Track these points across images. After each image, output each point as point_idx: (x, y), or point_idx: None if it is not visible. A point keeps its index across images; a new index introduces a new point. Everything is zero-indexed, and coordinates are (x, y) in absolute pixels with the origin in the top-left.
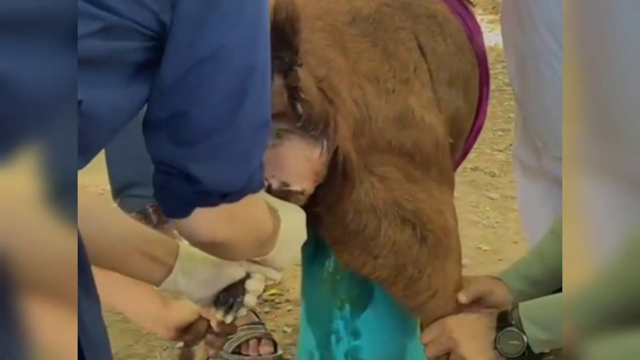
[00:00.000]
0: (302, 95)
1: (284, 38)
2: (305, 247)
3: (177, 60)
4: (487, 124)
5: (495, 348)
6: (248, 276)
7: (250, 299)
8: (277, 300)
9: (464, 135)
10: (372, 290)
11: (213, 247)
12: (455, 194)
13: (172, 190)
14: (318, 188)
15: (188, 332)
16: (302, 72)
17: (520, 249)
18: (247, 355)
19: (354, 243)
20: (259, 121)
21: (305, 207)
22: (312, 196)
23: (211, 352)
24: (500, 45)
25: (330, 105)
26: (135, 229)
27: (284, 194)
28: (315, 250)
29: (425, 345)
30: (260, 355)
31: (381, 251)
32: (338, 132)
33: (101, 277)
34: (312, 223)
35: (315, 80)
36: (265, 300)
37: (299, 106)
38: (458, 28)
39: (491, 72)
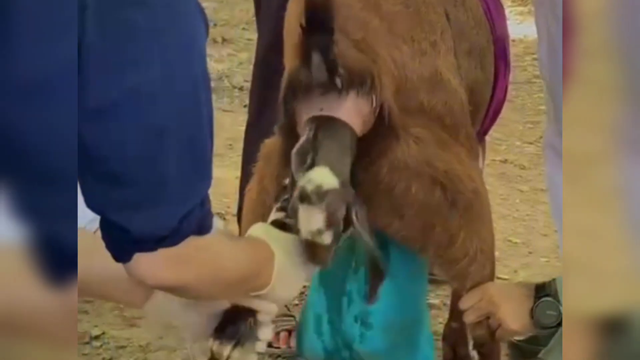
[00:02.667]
0: (341, 71)
1: (320, 22)
2: None
3: (89, 96)
4: (517, 116)
5: (532, 317)
6: (256, 321)
7: (260, 346)
8: (306, 293)
9: (481, 109)
10: (388, 256)
11: (167, 291)
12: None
13: (107, 235)
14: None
15: None
16: (341, 42)
17: (550, 242)
18: (278, 347)
19: (383, 201)
20: (188, 169)
21: None
22: None
23: None
24: (530, 37)
25: (373, 63)
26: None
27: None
28: None
29: (465, 311)
30: (290, 347)
31: (408, 211)
32: (383, 87)
33: None
34: None
35: (354, 43)
36: None
37: (337, 80)
38: (476, 3)
39: (520, 64)
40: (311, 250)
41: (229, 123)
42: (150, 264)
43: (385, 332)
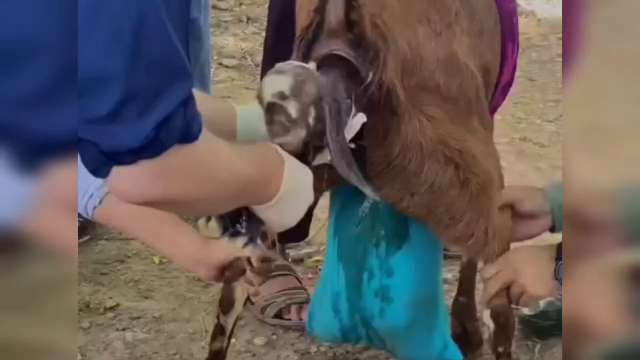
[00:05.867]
0: (355, 16)
1: None
2: (342, 185)
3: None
4: (538, 94)
5: (556, 279)
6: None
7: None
8: (320, 267)
9: (491, 89)
10: (407, 230)
11: (157, 206)
12: (503, 163)
13: (80, 150)
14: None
15: (228, 271)
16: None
17: None
18: (289, 320)
19: (396, 178)
20: (153, 74)
21: (350, 141)
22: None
23: (251, 290)
24: (555, 16)
25: (382, 40)
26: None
27: None
28: (353, 188)
29: (486, 281)
30: (301, 320)
31: (420, 189)
32: (386, 67)
33: (143, 220)
34: (356, 158)
35: (369, 16)
36: (309, 267)
37: (354, 30)
38: None
39: (545, 43)
40: (271, 119)
41: (252, 100)
42: (132, 178)
43: (405, 306)
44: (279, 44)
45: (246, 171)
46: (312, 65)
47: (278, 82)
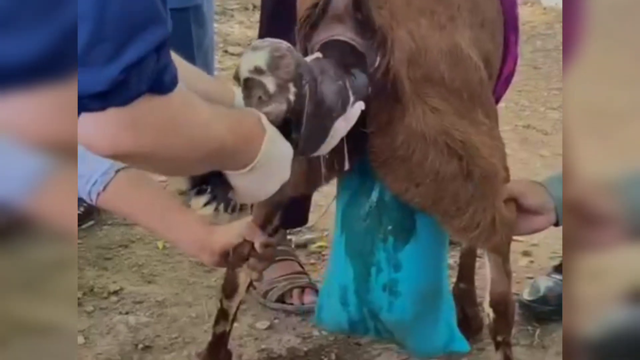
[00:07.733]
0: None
1: None
2: (349, 179)
3: None
4: (542, 82)
5: None
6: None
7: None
8: (323, 253)
9: (493, 79)
10: (414, 224)
11: (127, 160)
12: (507, 151)
13: None
14: (368, 109)
15: (231, 257)
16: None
17: None
18: (291, 304)
19: (400, 168)
20: (121, 16)
21: (354, 128)
22: (361, 117)
23: (254, 275)
24: (560, 5)
25: (388, 27)
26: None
27: None
28: (360, 182)
29: None
30: (303, 304)
31: (424, 179)
32: (393, 52)
33: (146, 206)
34: (360, 147)
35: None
36: (312, 253)
37: (361, 13)
38: None
39: (550, 31)
40: (249, 94)
41: None
42: (101, 125)
43: (413, 299)
44: (274, 31)
45: (222, 134)
46: (316, 55)
47: (254, 57)
